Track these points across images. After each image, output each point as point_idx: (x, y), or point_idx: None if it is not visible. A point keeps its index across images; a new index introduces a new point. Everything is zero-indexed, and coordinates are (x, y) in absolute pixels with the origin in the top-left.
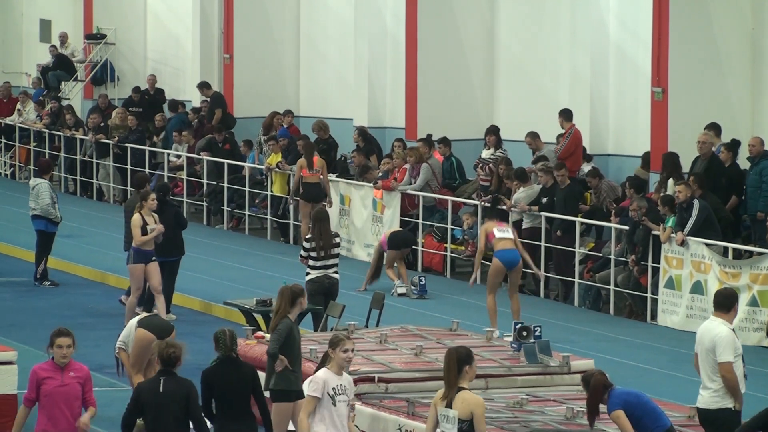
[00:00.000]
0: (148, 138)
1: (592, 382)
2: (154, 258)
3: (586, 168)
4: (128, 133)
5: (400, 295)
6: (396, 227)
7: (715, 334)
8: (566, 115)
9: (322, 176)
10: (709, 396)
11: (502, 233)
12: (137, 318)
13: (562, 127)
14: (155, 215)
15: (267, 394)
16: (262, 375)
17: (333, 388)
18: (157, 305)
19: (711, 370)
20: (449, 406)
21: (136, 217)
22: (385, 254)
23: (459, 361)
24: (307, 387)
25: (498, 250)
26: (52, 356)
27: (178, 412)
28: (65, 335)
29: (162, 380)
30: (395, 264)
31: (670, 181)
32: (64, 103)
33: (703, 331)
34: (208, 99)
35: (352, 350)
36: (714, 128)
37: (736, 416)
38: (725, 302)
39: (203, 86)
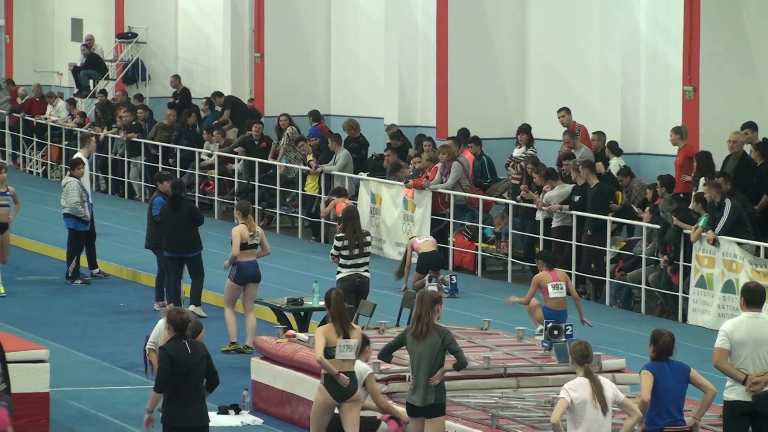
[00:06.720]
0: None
1: (660, 342)
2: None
3: (614, 161)
4: (186, 132)
5: None
6: (429, 238)
7: None
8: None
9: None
10: None
11: (557, 292)
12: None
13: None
14: (261, 230)
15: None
16: None
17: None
18: (247, 326)
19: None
20: None
21: (241, 228)
22: (413, 273)
23: None
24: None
25: (548, 308)
26: None
27: (202, 371)
28: None
29: (185, 343)
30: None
31: (701, 181)
32: (97, 101)
33: (759, 326)
34: (220, 108)
35: None
36: (751, 126)
37: None
38: (762, 299)
39: (216, 95)
